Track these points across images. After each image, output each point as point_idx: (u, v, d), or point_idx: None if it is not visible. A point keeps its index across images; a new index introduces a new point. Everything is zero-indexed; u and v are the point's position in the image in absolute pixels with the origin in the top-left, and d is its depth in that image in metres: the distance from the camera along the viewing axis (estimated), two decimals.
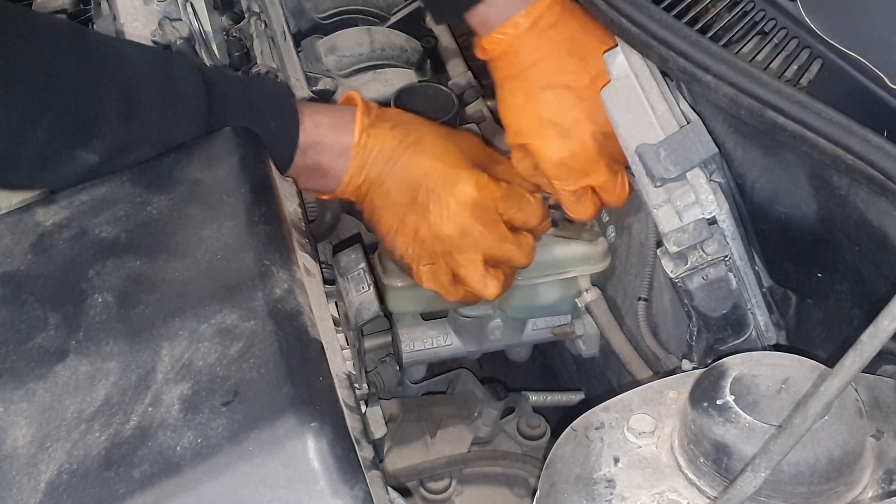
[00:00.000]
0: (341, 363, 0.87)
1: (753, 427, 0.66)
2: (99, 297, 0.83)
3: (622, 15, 1.01)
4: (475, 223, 1.02)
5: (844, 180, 0.88)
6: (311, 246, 0.97)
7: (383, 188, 1.04)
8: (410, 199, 1.03)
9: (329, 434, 0.71)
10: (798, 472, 0.64)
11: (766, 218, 1.00)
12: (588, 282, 1.12)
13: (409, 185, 1.03)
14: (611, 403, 0.77)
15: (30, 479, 0.71)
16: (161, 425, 0.73)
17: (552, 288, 1.12)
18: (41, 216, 0.92)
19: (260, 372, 0.75)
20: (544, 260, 1.10)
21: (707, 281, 1.00)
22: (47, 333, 0.81)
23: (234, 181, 0.92)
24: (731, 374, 0.69)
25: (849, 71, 0.88)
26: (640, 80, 1.05)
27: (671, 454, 0.71)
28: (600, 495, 0.69)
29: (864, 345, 0.55)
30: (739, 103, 0.90)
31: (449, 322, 1.18)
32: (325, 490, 0.69)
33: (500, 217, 1.04)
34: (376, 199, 1.05)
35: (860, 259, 0.90)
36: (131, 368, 0.77)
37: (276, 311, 0.80)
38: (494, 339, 1.19)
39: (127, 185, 0.94)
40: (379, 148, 1.03)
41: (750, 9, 0.98)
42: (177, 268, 0.85)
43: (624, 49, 1.07)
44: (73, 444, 0.73)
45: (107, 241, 0.88)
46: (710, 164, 1.00)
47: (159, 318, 0.81)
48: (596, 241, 1.11)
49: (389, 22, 1.49)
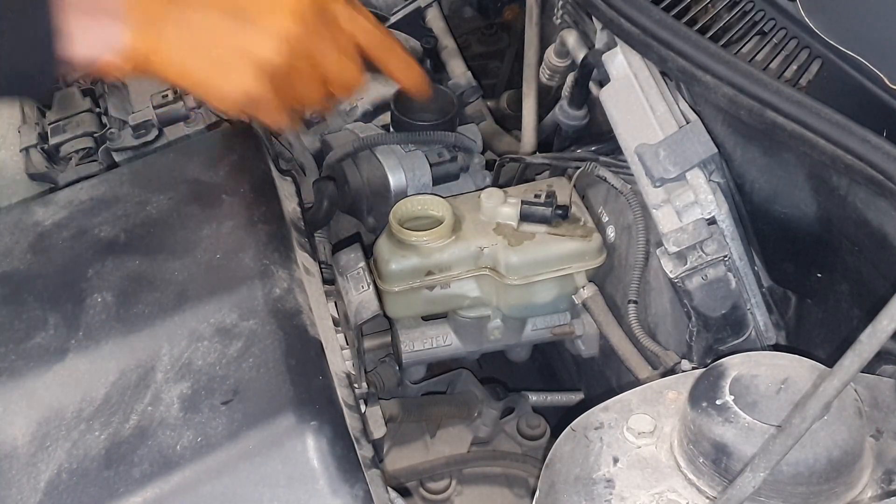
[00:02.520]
0: (341, 362, 0.87)
1: (753, 427, 0.66)
2: (98, 297, 0.83)
3: (622, 15, 1.02)
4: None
5: (844, 180, 0.88)
6: (311, 245, 0.97)
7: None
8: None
9: (328, 433, 0.71)
10: (797, 472, 0.64)
11: (766, 218, 1.00)
12: (584, 278, 1.12)
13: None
14: (610, 403, 0.77)
15: (29, 479, 0.71)
16: (161, 424, 0.73)
17: (548, 286, 1.12)
18: (40, 215, 0.92)
19: (259, 371, 0.75)
20: (539, 258, 1.10)
21: (706, 281, 1.01)
22: (47, 333, 0.81)
23: (233, 181, 0.92)
24: (731, 375, 0.69)
25: (848, 71, 0.88)
26: (639, 81, 1.05)
27: (670, 454, 0.71)
28: (600, 495, 0.69)
29: (864, 345, 0.55)
30: (739, 103, 0.91)
31: (448, 322, 1.18)
32: (325, 489, 0.69)
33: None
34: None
35: (860, 259, 0.90)
36: (131, 368, 0.77)
37: (276, 310, 0.80)
38: (494, 339, 1.19)
39: (126, 185, 0.94)
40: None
41: (749, 9, 0.98)
42: (176, 267, 0.85)
43: (623, 49, 1.07)
44: (72, 443, 0.73)
45: (106, 241, 0.88)
46: (709, 164, 1.00)
47: (159, 318, 0.81)
48: (590, 237, 1.11)
49: (389, 22, 1.49)
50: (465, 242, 1.11)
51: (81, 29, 0.83)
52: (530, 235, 1.11)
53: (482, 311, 1.16)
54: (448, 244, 1.10)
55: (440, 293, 1.13)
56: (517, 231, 1.12)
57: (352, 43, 0.98)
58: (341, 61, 0.97)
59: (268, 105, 0.92)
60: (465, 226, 1.12)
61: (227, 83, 0.89)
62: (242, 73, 0.89)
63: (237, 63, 0.89)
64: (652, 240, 1.06)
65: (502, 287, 1.11)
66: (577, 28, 1.23)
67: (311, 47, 0.93)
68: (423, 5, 1.49)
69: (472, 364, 1.30)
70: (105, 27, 0.85)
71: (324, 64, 0.95)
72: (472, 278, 1.12)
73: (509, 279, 1.10)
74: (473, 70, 1.42)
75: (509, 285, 1.10)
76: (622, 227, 1.13)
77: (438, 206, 1.13)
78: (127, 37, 0.85)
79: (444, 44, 1.45)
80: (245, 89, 0.89)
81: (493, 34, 1.67)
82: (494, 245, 1.10)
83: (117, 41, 0.85)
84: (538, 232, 1.12)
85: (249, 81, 0.89)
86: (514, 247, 1.10)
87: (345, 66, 0.98)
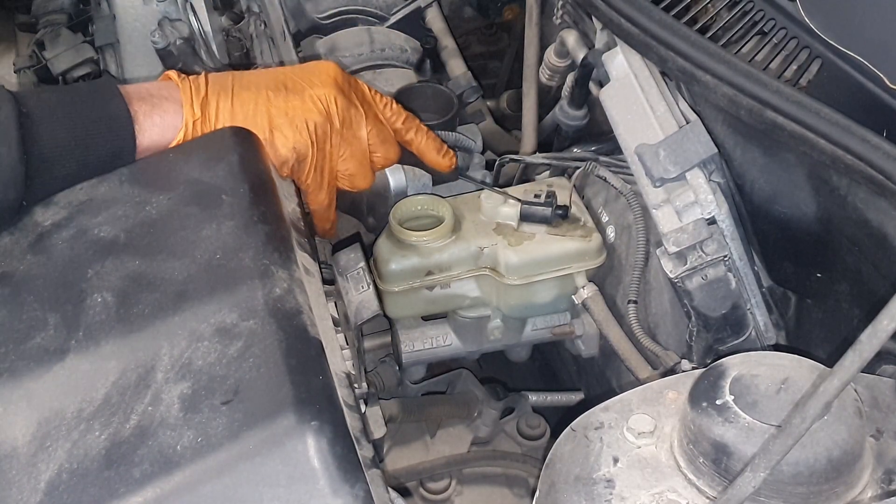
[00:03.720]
0: (341, 362, 0.87)
1: (753, 427, 0.66)
2: (98, 297, 0.83)
3: (622, 15, 1.02)
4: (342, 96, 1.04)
5: (844, 180, 0.88)
6: (311, 245, 0.97)
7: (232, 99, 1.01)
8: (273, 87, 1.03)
9: (329, 433, 0.71)
10: (797, 472, 0.64)
11: (766, 218, 1.00)
12: (584, 278, 1.12)
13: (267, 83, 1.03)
14: (610, 403, 0.77)
15: (30, 479, 0.71)
16: (161, 424, 0.73)
17: (549, 286, 1.12)
18: (40, 216, 0.92)
19: (259, 371, 0.75)
20: (539, 258, 1.10)
21: (706, 281, 1.01)
22: (47, 333, 0.81)
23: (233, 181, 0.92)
24: (731, 374, 0.69)
25: (848, 71, 0.88)
26: (639, 81, 1.05)
27: (670, 454, 0.71)
28: (600, 495, 0.69)
29: (864, 345, 0.55)
30: (739, 103, 0.91)
31: (448, 322, 1.18)
32: (325, 489, 0.69)
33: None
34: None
35: (859, 259, 0.90)
36: (131, 368, 0.77)
37: (276, 310, 0.80)
38: (494, 339, 1.19)
39: (126, 185, 0.94)
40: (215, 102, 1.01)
41: (749, 9, 0.98)
42: (176, 267, 0.85)
43: (623, 49, 1.07)
44: (72, 443, 0.73)
45: (106, 241, 0.88)
46: (709, 164, 1.00)
47: (159, 318, 0.81)
48: (590, 237, 1.11)
49: (389, 22, 1.49)
50: (465, 242, 1.11)
51: (148, 117, 0.96)
52: (530, 235, 1.11)
53: (482, 311, 1.16)
54: (448, 244, 1.10)
55: (440, 293, 1.13)
56: (517, 231, 1.12)
57: (389, 121, 1.11)
58: (382, 132, 1.09)
59: (312, 164, 1.04)
60: (465, 226, 1.12)
61: (276, 142, 1.00)
62: (290, 131, 1.01)
63: (286, 123, 1.01)
64: (652, 240, 1.06)
65: (502, 287, 1.11)
66: (577, 28, 1.23)
67: (352, 117, 1.05)
68: (423, 5, 1.49)
69: (472, 364, 1.30)
70: (167, 115, 0.97)
71: (362, 135, 1.07)
72: (472, 278, 1.12)
73: (509, 279, 1.10)
74: (473, 70, 1.43)
75: (509, 285, 1.10)
76: (622, 227, 1.13)
77: (438, 206, 1.13)
78: (187, 120, 0.98)
79: (444, 44, 1.45)
80: (293, 145, 1.01)
81: (493, 34, 1.67)
82: (494, 245, 1.10)
83: (178, 126, 0.98)
84: (538, 232, 1.12)
85: (297, 137, 1.01)
86: (514, 247, 1.10)
87: (385, 137, 1.09)
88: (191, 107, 0.98)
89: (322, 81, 1.04)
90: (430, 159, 1.16)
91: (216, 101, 1.00)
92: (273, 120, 1.00)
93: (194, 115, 0.98)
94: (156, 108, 0.97)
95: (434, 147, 1.16)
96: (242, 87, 1.02)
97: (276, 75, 1.05)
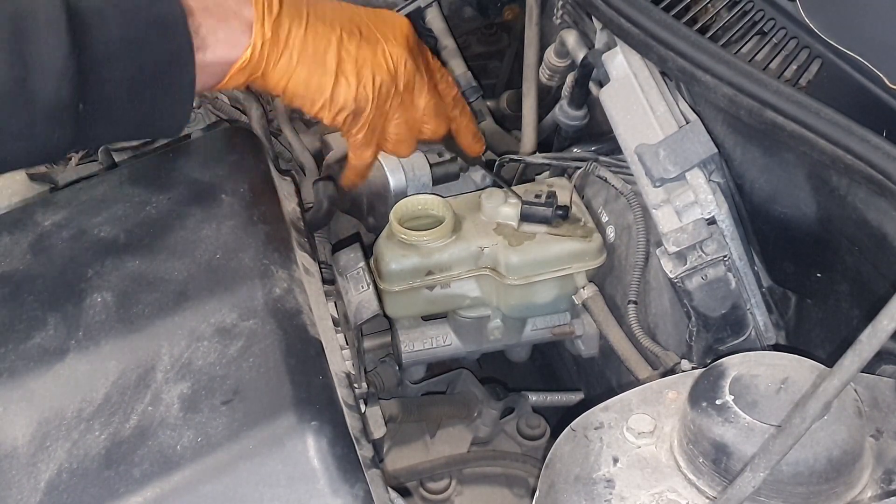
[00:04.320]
0: (340, 362, 0.87)
1: (753, 427, 0.66)
2: (98, 297, 0.83)
3: (622, 15, 1.02)
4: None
5: (843, 180, 0.88)
6: (310, 245, 0.97)
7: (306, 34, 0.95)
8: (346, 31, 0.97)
9: (329, 433, 0.71)
10: (797, 472, 0.64)
11: (766, 218, 1.00)
12: (584, 279, 1.12)
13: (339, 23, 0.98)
14: (610, 403, 0.77)
15: (30, 479, 0.71)
16: (161, 424, 0.73)
17: (549, 286, 1.12)
18: (40, 216, 0.92)
19: (259, 371, 0.75)
20: (539, 258, 1.10)
21: (706, 281, 1.01)
22: (47, 333, 0.81)
23: (233, 181, 0.92)
24: (731, 374, 0.69)
25: (848, 71, 0.88)
26: (639, 81, 1.05)
27: (670, 454, 0.71)
28: (599, 495, 0.69)
29: (863, 345, 0.55)
30: (738, 103, 0.91)
31: (448, 322, 1.18)
32: (325, 489, 0.69)
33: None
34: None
35: (859, 259, 0.90)
36: (131, 368, 0.77)
37: (276, 310, 0.80)
38: (494, 339, 1.19)
39: (126, 185, 0.94)
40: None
41: (749, 8, 0.98)
42: (176, 267, 0.85)
43: (623, 49, 1.07)
44: (72, 443, 0.73)
45: (106, 241, 0.88)
46: (709, 164, 1.00)
47: (159, 318, 0.81)
48: (590, 237, 1.11)
49: None
50: (466, 242, 1.11)
51: (212, 32, 0.89)
52: (531, 236, 1.11)
53: (482, 311, 1.16)
54: (448, 244, 1.10)
55: (440, 293, 1.13)
56: (517, 231, 1.12)
57: (444, 93, 1.08)
58: (439, 105, 1.06)
59: (367, 121, 0.99)
60: (466, 226, 1.12)
61: (339, 87, 0.96)
62: (356, 79, 0.96)
63: (353, 71, 0.96)
64: (652, 240, 1.06)
65: (502, 287, 1.11)
66: (577, 28, 1.23)
67: (416, 83, 1.02)
68: (423, 5, 1.49)
69: (472, 364, 1.30)
70: (234, 31, 0.90)
71: (421, 103, 1.04)
72: (472, 278, 1.12)
73: (509, 279, 1.10)
74: (473, 70, 1.42)
75: (509, 285, 1.10)
76: (622, 227, 1.13)
77: (439, 206, 1.13)
78: (256, 40, 0.91)
79: (444, 44, 1.45)
80: (355, 95, 0.96)
81: (493, 34, 1.67)
82: (495, 245, 1.10)
83: (245, 44, 0.91)
84: (538, 232, 1.12)
85: (360, 89, 0.97)
86: (514, 247, 1.10)
87: (440, 110, 1.07)
88: (261, 25, 0.92)
89: (396, 37, 1.01)
90: (466, 142, 1.15)
91: (289, 26, 0.94)
92: (342, 63, 0.96)
93: (264, 35, 0.92)
94: (222, 21, 0.90)
95: (472, 130, 1.14)
96: (318, 17, 0.97)
97: (352, 16, 1.01)
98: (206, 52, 0.89)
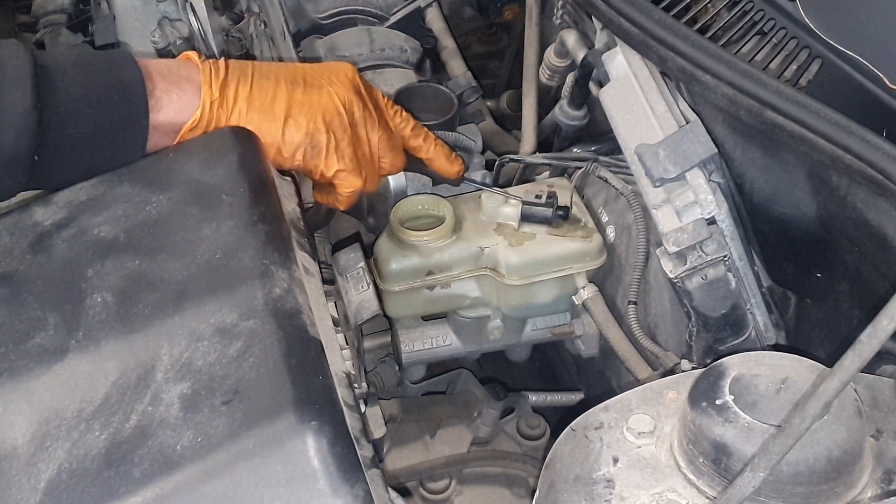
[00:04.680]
0: (340, 362, 0.87)
1: (752, 427, 0.66)
2: (98, 297, 0.83)
3: (622, 15, 1.02)
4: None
5: (843, 180, 0.88)
6: (310, 245, 0.97)
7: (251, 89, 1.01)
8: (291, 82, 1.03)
9: (329, 433, 0.71)
10: (797, 472, 0.64)
11: (766, 218, 1.00)
12: (584, 279, 1.13)
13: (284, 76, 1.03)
14: (610, 403, 0.77)
15: (30, 479, 0.71)
16: (161, 424, 0.73)
17: (549, 286, 1.12)
18: (40, 216, 0.92)
19: (259, 371, 0.75)
20: (539, 258, 1.10)
21: (706, 281, 1.01)
22: (47, 333, 0.81)
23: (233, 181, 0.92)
24: (731, 374, 0.69)
25: (848, 71, 0.88)
26: (639, 81, 1.05)
27: (670, 454, 0.71)
28: (599, 495, 0.69)
29: (863, 345, 0.55)
30: (738, 103, 0.91)
31: (448, 322, 1.18)
32: (325, 489, 0.69)
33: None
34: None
35: (859, 259, 0.90)
36: (131, 368, 0.77)
37: (276, 310, 0.80)
38: (494, 339, 1.19)
39: (126, 185, 0.94)
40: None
41: (749, 8, 0.98)
42: (176, 267, 0.85)
43: (623, 49, 1.07)
44: (72, 443, 0.73)
45: (106, 241, 0.88)
46: (709, 164, 1.00)
47: (158, 318, 0.81)
48: (590, 238, 1.11)
49: (389, 22, 1.49)
50: (466, 242, 1.11)
51: (166, 93, 0.96)
52: (531, 236, 1.11)
53: (482, 311, 1.16)
54: (448, 244, 1.10)
55: (440, 293, 1.13)
56: (518, 231, 1.12)
57: (398, 128, 1.11)
58: (392, 140, 1.09)
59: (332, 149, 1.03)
60: (466, 226, 1.12)
61: (289, 129, 1.01)
62: (307, 118, 1.02)
63: (302, 112, 1.02)
64: (652, 240, 1.06)
65: (503, 287, 1.11)
66: (577, 28, 1.23)
67: (365, 119, 1.06)
68: (423, 5, 1.49)
69: (472, 364, 1.30)
70: (186, 94, 0.97)
71: (374, 138, 1.07)
72: (472, 278, 1.12)
73: (510, 279, 1.10)
74: (473, 70, 1.43)
75: (510, 285, 1.10)
76: (622, 227, 1.13)
77: (439, 205, 1.13)
78: (205, 100, 0.98)
79: (444, 44, 1.45)
80: (306, 130, 1.01)
81: (493, 34, 1.67)
82: (495, 245, 1.10)
83: (196, 105, 0.97)
84: (539, 232, 1.12)
85: (311, 124, 1.01)
86: (514, 247, 1.10)
87: (394, 144, 1.10)
88: (209, 88, 0.98)
89: (339, 81, 1.05)
90: (440, 166, 1.16)
91: (235, 86, 1.00)
92: (289, 109, 1.01)
93: (212, 96, 0.98)
94: (174, 85, 0.97)
95: (443, 154, 1.16)
96: (262, 75, 1.02)
97: (294, 69, 1.06)
98: (160, 112, 0.95)
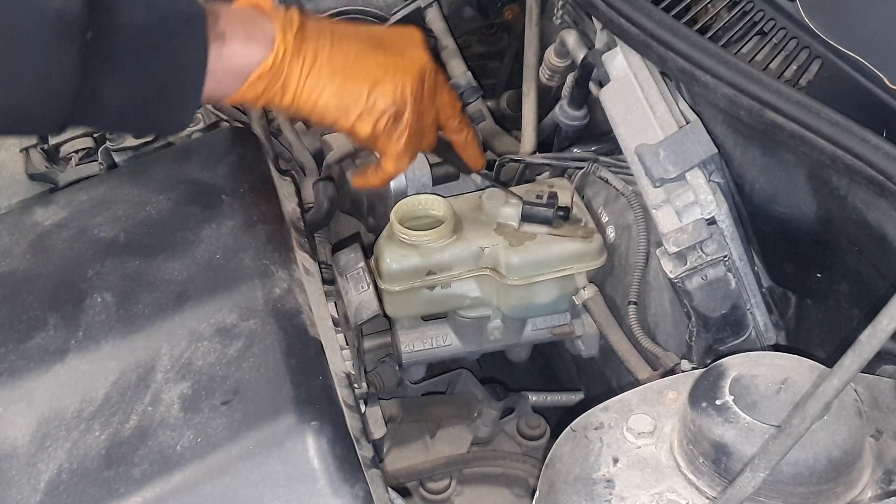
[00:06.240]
0: (340, 362, 0.87)
1: (753, 427, 0.66)
2: (98, 297, 0.83)
3: (622, 15, 1.02)
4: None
5: (843, 181, 0.88)
6: (310, 245, 0.97)
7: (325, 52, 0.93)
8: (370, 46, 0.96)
9: (329, 433, 0.71)
10: (797, 472, 0.64)
11: (766, 218, 1.00)
12: (585, 279, 1.12)
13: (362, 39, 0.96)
14: (610, 404, 0.77)
15: (30, 479, 0.71)
16: (161, 424, 0.73)
17: (549, 286, 1.12)
18: (40, 216, 0.92)
19: (259, 371, 0.75)
20: (540, 258, 1.10)
21: (706, 281, 1.01)
22: (47, 333, 0.81)
23: (233, 181, 0.92)
24: (731, 375, 0.69)
25: (848, 71, 0.88)
26: (639, 81, 1.05)
27: (670, 454, 0.71)
28: (599, 495, 0.69)
29: (863, 345, 0.55)
30: (738, 103, 0.91)
31: (448, 322, 1.18)
32: (325, 489, 0.69)
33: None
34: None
35: (859, 259, 0.90)
36: (131, 368, 0.77)
37: (276, 310, 0.80)
38: (494, 339, 1.19)
39: (126, 185, 0.94)
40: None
41: (749, 9, 0.98)
42: (176, 267, 0.85)
43: (623, 49, 1.07)
44: (72, 443, 0.73)
45: (106, 241, 0.88)
46: (709, 164, 1.00)
47: (159, 318, 0.81)
48: (591, 238, 1.11)
49: (389, 22, 1.49)
50: (466, 242, 1.11)
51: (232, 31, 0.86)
52: (531, 236, 1.11)
53: (482, 311, 1.16)
54: (449, 244, 1.10)
55: (440, 293, 1.13)
56: (518, 231, 1.12)
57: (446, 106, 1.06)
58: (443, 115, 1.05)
59: (408, 124, 0.97)
60: (466, 226, 1.12)
61: (376, 93, 0.93)
62: (392, 84, 0.94)
63: (386, 77, 0.94)
64: (652, 240, 1.06)
65: (503, 287, 1.11)
66: (577, 28, 1.23)
67: (438, 85, 1.01)
68: (423, 5, 1.49)
69: (472, 364, 1.30)
70: (256, 39, 0.88)
71: (432, 113, 1.02)
72: (472, 278, 1.12)
73: (510, 279, 1.10)
74: (473, 70, 1.42)
75: (510, 285, 1.10)
76: (622, 227, 1.13)
77: (439, 205, 1.13)
78: (278, 48, 0.88)
79: (444, 44, 1.45)
80: (394, 98, 0.94)
81: (493, 34, 1.67)
82: (495, 245, 1.10)
83: (265, 51, 0.87)
84: (539, 232, 1.12)
85: (398, 93, 0.94)
86: (514, 247, 1.10)
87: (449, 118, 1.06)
88: (283, 36, 0.89)
89: (416, 45, 1.00)
90: (471, 153, 1.13)
91: (315, 41, 0.92)
92: (375, 70, 0.95)
93: (286, 45, 0.89)
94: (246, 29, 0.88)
95: (477, 142, 1.13)
96: (340, 34, 0.95)
97: (370, 31, 1.00)
98: (223, 51, 0.86)
